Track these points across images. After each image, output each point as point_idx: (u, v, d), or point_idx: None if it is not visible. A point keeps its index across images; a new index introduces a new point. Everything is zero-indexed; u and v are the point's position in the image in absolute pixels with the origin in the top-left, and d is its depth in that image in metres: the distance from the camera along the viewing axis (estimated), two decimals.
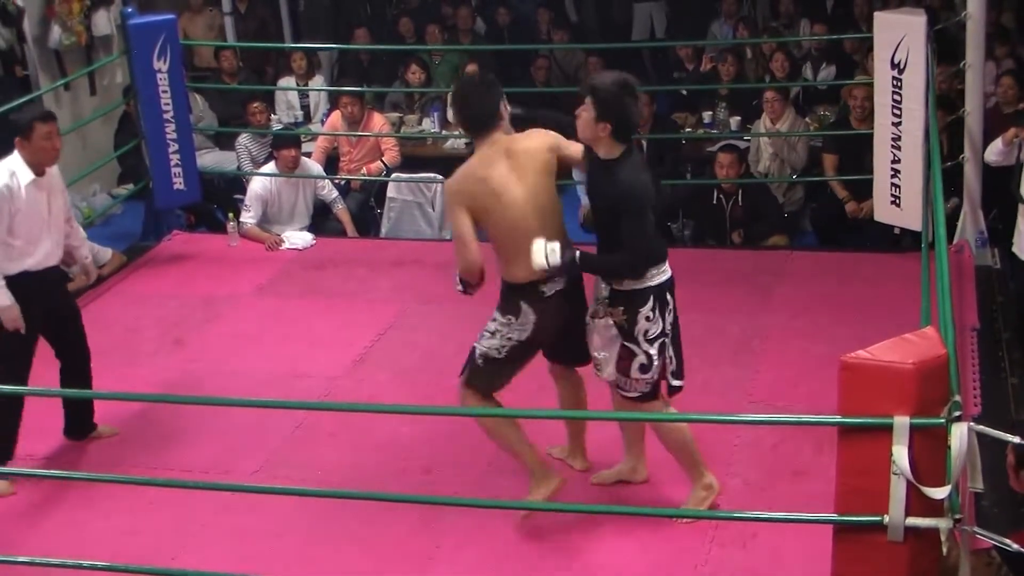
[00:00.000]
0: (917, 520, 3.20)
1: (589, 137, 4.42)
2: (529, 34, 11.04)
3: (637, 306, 4.48)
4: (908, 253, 6.84)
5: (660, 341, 4.53)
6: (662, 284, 4.51)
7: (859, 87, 7.87)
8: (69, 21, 9.45)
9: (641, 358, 4.52)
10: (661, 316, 4.51)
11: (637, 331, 4.49)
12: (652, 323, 4.50)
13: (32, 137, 5.18)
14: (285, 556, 4.71)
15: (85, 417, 5.55)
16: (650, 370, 4.54)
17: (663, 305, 4.51)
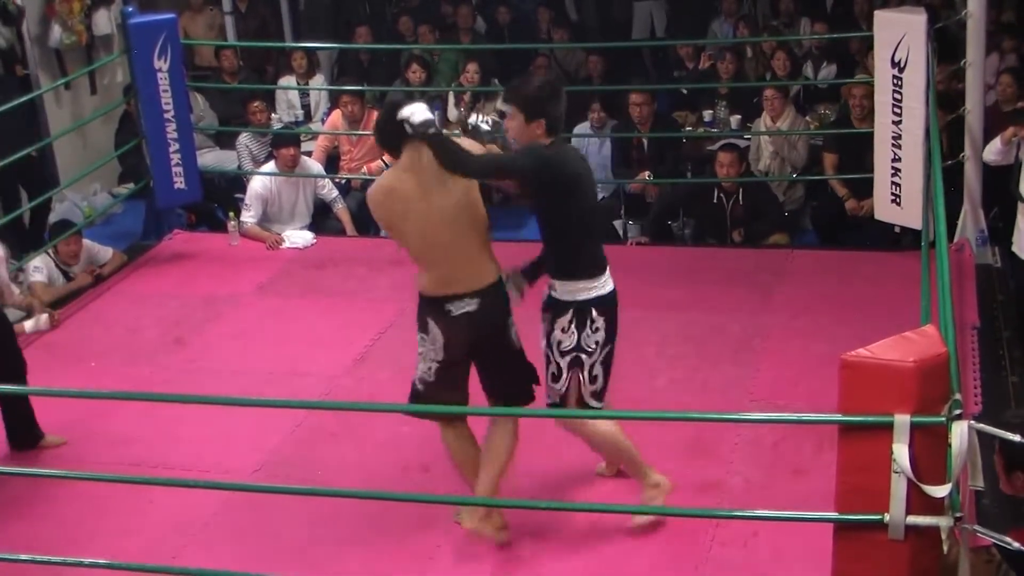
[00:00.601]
0: (918, 518, 3.20)
1: (525, 143, 4.42)
2: (529, 33, 11.04)
3: (555, 315, 4.48)
4: (908, 252, 6.84)
5: (572, 356, 4.48)
6: (587, 301, 4.45)
7: (858, 86, 7.86)
8: (69, 20, 9.46)
9: (552, 367, 4.54)
10: (578, 332, 4.45)
11: (552, 340, 4.50)
12: (566, 336, 4.46)
13: None
14: (285, 555, 4.71)
15: (29, 426, 5.45)
16: (559, 381, 4.53)
17: (584, 322, 4.44)
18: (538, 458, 5.23)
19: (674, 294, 6.83)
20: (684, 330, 6.32)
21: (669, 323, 6.43)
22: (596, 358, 4.51)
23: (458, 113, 9.22)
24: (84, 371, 6.25)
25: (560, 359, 4.51)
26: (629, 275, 6.49)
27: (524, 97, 4.39)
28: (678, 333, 6.31)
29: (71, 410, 5.73)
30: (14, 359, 5.41)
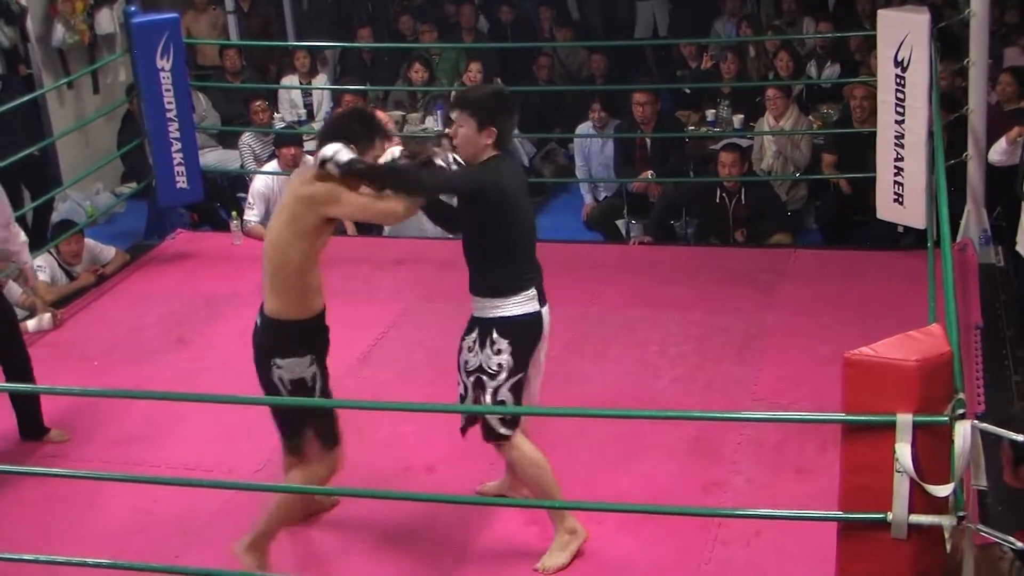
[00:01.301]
0: (921, 517, 3.20)
1: (471, 152, 4.26)
2: (532, 32, 11.04)
3: (465, 331, 4.37)
4: (912, 251, 6.84)
5: (476, 377, 4.34)
6: (492, 320, 4.30)
7: (860, 87, 7.85)
8: (72, 20, 9.47)
9: (460, 387, 4.40)
10: (480, 351, 4.31)
11: (460, 359, 4.37)
12: (471, 355, 4.33)
13: None
14: (287, 554, 4.70)
15: (36, 419, 5.51)
16: (465, 401, 4.39)
17: (485, 341, 4.30)
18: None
19: (676, 293, 6.83)
20: (686, 329, 6.32)
21: (671, 322, 6.43)
22: (500, 382, 4.32)
23: None
24: (87, 370, 6.25)
25: (466, 378, 4.36)
26: (632, 275, 6.56)
27: (477, 104, 4.24)
28: (680, 332, 6.30)
29: (74, 409, 5.73)
30: (20, 351, 5.47)
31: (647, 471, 5.03)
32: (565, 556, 4.51)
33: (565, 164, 9.70)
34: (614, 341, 6.30)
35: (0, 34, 8.98)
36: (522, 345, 4.33)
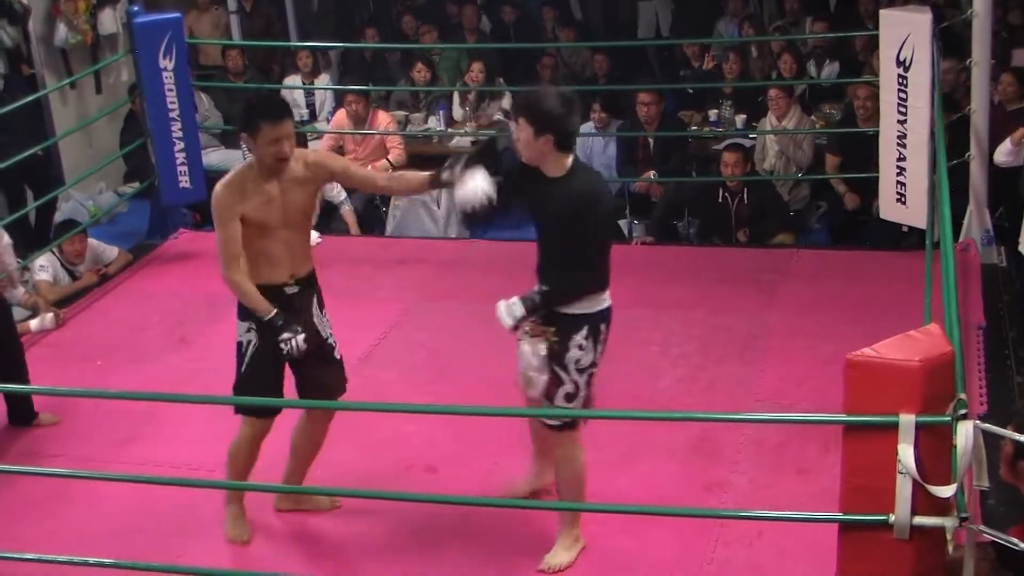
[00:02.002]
0: (923, 519, 3.20)
1: (533, 156, 4.26)
2: (534, 32, 11.04)
3: (571, 332, 4.31)
4: (915, 251, 6.83)
5: (590, 372, 4.36)
6: (600, 313, 4.33)
7: (862, 87, 7.85)
8: (75, 19, 9.48)
9: (568, 387, 4.36)
10: (594, 347, 4.33)
11: (568, 358, 4.32)
12: (584, 352, 4.32)
13: None
14: (288, 554, 4.71)
15: (27, 406, 5.68)
16: (575, 399, 4.37)
17: (597, 335, 4.33)
18: None
19: (679, 293, 6.83)
20: (688, 330, 6.32)
21: (673, 322, 6.42)
22: (589, 374, 4.39)
23: (463, 112, 9.22)
24: (89, 370, 6.26)
25: (578, 377, 4.34)
26: (634, 274, 6.53)
27: (532, 110, 4.20)
28: (682, 332, 6.30)
29: (76, 409, 5.74)
30: (12, 342, 5.65)
31: (648, 471, 5.03)
32: (570, 555, 4.52)
33: None
34: (615, 341, 6.20)
35: (3, 34, 8.98)
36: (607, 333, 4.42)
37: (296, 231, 4.58)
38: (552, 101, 4.20)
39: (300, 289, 4.62)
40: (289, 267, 4.57)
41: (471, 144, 8.88)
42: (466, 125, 9.04)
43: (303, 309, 4.62)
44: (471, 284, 7.13)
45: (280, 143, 4.39)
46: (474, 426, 5.33)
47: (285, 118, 4.45)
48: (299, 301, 4.60)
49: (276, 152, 4.39)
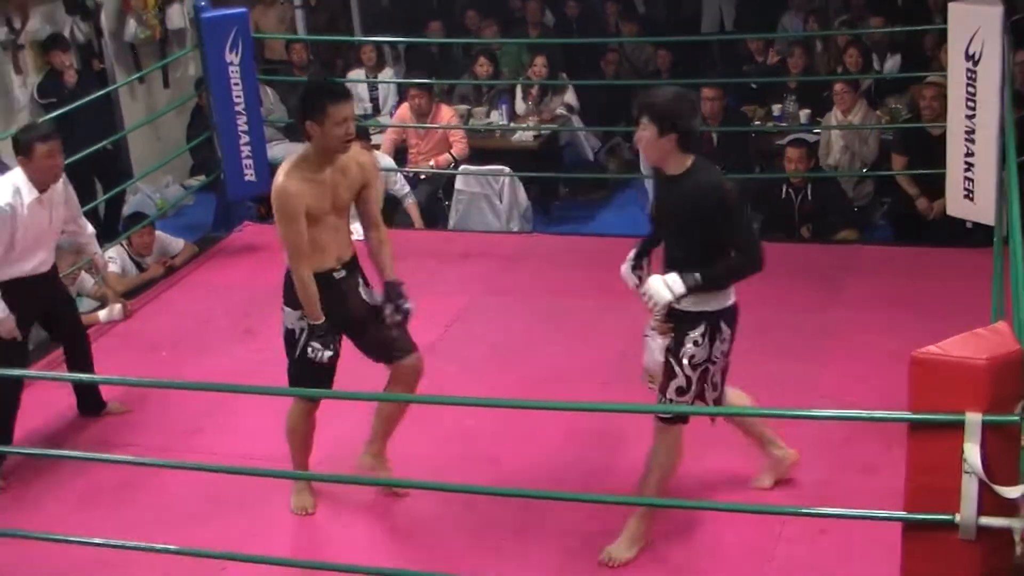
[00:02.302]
0: (989, 519, 3.16)
1: (656, 156, 4.31)
2: (598, 27, 11.02)
3: (686, 328, 4.35)
4: (981, 248, 6.74)
5: (703, 368, 4.39)
6: (718, 312, 4.36)
7: (929, 87, 7.74)
8: (144, 15, 9.62)
9: (680, 380, 4.39)
10: (710, 344, 4.36)
11: (682, 353, 4.36)
12: (699, 349, 4.35)
13: (33, 157, 5.28)
14: (349, 544, 4.75)
15: (95, 396, 5.80)
16: (686, 394, 4.40)
17: (715, 333, 4.36)
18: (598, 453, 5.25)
19: (741, 289, 6.71)
20: (752, 325, 6.19)
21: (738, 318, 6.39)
22: (718, 368, 4.44)
23: (526, 106, 9.23)
24: (155, 360, 6.35)
25: (691, 372, 4.38)
26: None
27: (656, 109, 4.23)
28: (746, 328, 6.18)
29: (142, 398, 5.83)
30: (78, 333, 5.80)
31: (710, 467, 5.01)
32: (632, 551, 4.53)
33: (630, 159, 9.68)
34: None
35: (76, 30, 9.13)
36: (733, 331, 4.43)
37: (340, 216, 4.68)
38: (675, 101, 4.24)
39: (347, 273, 4.72)
40: (336, 251, 4.68)
41: (534, 139, 8.90)
42: (528, 119, 9.05)
43: (350, 290, 4.75)
44: (533, 278, 7.15)
45: (347, 123, 4.48)
46: (535, 420, 5.34)
47: (348, 98, 4.54)
48: (346, 284, 4.73)
49: (345, 133, 4.47)
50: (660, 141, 4.23)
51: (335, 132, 4.46)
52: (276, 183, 4.54)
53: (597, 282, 6.91)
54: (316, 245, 4.58)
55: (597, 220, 9.08)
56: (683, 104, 4.25)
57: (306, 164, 4.55)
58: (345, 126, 4.47)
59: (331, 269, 4.66)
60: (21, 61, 8.55)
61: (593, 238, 8.02)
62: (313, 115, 4.45)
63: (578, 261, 7.29)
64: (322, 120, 4.44)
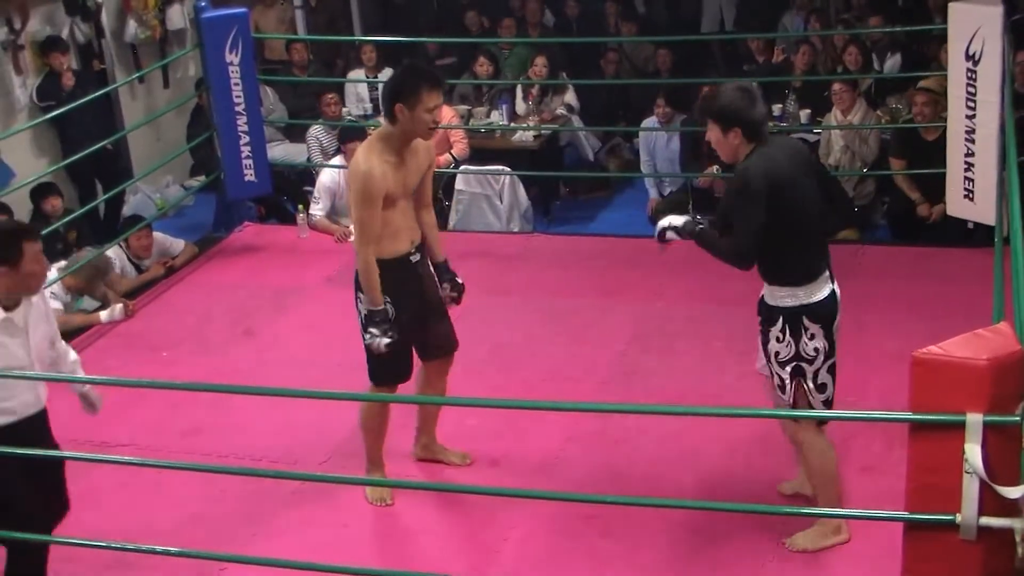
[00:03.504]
0: (991, 519, 3.15)
1: (729, 154, 4.31)
2: (598, 27, 11.01)
3: (768, 324, 4.34)
4: (982, 248, 6.74)
5: (794, 365, 4.31)
6: (799, 308, 4.26)
7: (920, 93, 7.71)
8: (144, 15, 9.62)
9: (775, 378, 4.38)
10: (795, 341, 4.28)
11: (769, 349, 4.35)
12: (782, 345, 4.30)
13: (21, 262, 4.02)
14: (352, 545, 4.75)
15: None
16: (785, 392, 4.36)
17: (800, 329, 4.27)
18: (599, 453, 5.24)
19: (743, 289, 6.74)
20: (753, 326, 6.24)
21: (737, 318, 6.33)
22: (819, 366, 4.32)
23: (526, 107, 9.22)
24: (157, 361, 6.35)
25: (780, 369, 4.35)
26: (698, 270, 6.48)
27: (714, 110, 4.25)
28: (747, 328, 6.21)
29: (143, 399, 5.82)
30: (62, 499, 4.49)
31: (712, 467, 5.02)
32: (817, 543, 4.50)
33: (630, 159, 9.68)
34: (680, 336, 6.28)
35: (76, 30, 9.13)
36: (829, 327, 4.34)
37: (409, 199, 4.72)
38: (730, 95, 4.23)
39: (420, 256, 4.80)
40: (409, 234, 4.72)
41: (534, 139, 8.89)
42: (529, 119, 9.05)
43: (426, 274, 4.83)
44: (534, 278, 7.15)
45: (438, 111, 4.53)
46: (535, 420, 5.34)
47: (442, 87, 4.56)
48: (422, 267, 4.81)
49: (432, 119, 4.51)
50: (727, 138, 4.24)
51: (424, 118, 4.48)
52: (358, 165, 4.55)
53: (597, 282, 6.92)
54: (391, 229, 4.61)
55: (597, 220, 9.08)
56: (741, 96, 4.22)
57: (385, 147, 4.56)
58: (434, 114, 4.51)
59: (407, 252, 4.70)
60: (21, 62, 8.55)
61: (593, 238, 8.02)
62: (405, 98, 4.46)
63: (578, 261, 7.29)
64: (414, 105, 4.47)
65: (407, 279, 4.69)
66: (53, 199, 7.76)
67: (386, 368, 4.76)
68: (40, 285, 4.16)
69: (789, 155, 4.30)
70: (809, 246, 4.28)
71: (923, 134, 7.62)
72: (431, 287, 4.84)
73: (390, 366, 4.74)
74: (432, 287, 4.85)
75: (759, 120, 4.23)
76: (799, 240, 4.24)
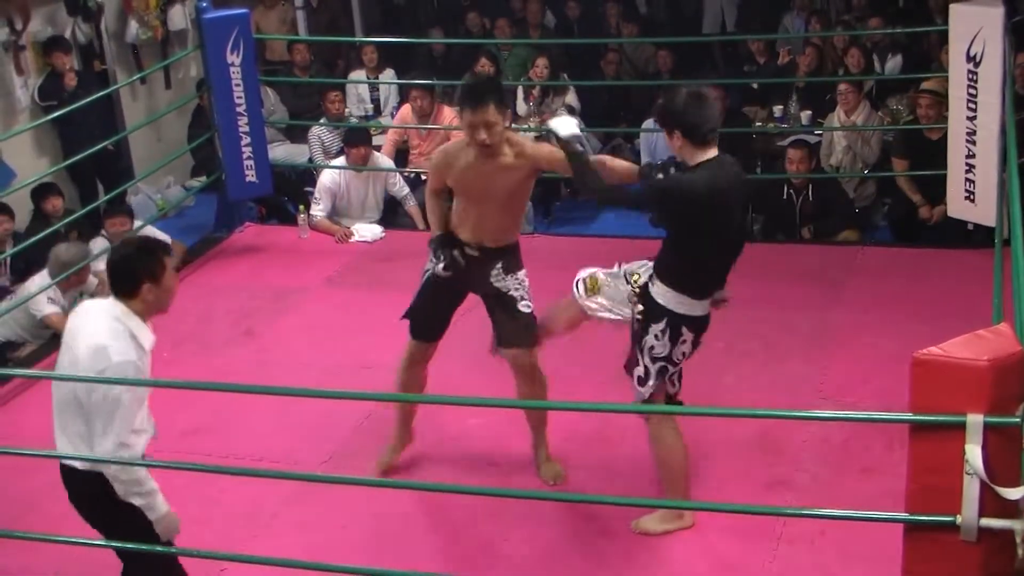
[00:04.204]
0: (991, 521, 3.15)
1: (678, 154, 4.36)
2: (599, 27, 11.01)
3: (651, 318, 4.42)
4: (982, 249, 6.74)
5: (661, 366, 4.45)
6: (684, 316, 4.40)
7: (925, 96, 7.71)
8: (146, 16, 9.62)
9: (639, 369, 4.48)
10: (671, 343, 4.42)
11: (644, 341, 4.44)
12: (659, 343, 4.42)
13: (163, 277, 3.84)
14: (352, 545, 4.75)
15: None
16: (644, 384, 4.48)
17: (676, 336, 4.41)
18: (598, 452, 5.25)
19: (742, 290, 6.71)
20: (752, 327, 6.28)
21: (737, 319, 6.33)
22: (675, 369, 4.52)
23: (527, 108, 9.22)
24: (156, 361, 6.31)
25: (650, 364, 4.45)
26: None
27: (658, 111, 4.40)
28: (746, 330, 6.27)
29: None
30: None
31: (711, 468, 5.02)
32: (660, 527, 4.64)
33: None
34: None
35: (77, 30, 9.14)
36: (698, 341, 4.49)
37: (496, 208, 4.85)
38: (676, 99, 4.30)
39: (481, 254, 4.94)
40: (477, 235, 4.91)
41: (535, 139, 8.88)
42: (530, 120, 9.05)
43: (478, 268, 4.95)
44: (534, 278, 7.11)
45: (476, 129, 4.65)
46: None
47: (482, 105, 4.64)
48: (477, 263, 4.94)
49: (471, 137, 4.69)
50: (672, 140, 4.31)
51: (466, 131, 4.72)
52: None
53: None
54: (462, 218, 4.92)
55: (598, 221, 9.08)
56: (685, 100, 4.28)
57: (464, 144, 4.82)
58: (473, 131, 4.66)
59: (466, 243, 4.93)
60: (23, 62, 8.55)
61: (594, 239, 8.02)
62: (459, 113, 4.79)
63: (579, 261, 7.23)
64: (463, 119, 4.73)
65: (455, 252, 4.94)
66: (54, 199, 7.76)
67: (411, 312, 5.07)
68: (171, 302, 3.97)
69: (728, 180, 4.34)
70: (714, 268, 4.43)
71: (927, 133, 7.62)
72: (480, 279, 4.97)
73: (415, 312, 5.06)
74: (482, 280, 4.98)
75: (699, 125, 4.27)
76: (706, 259, 4.38)
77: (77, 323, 3.87)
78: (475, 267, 4.94)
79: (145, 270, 3.77)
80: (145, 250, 3.85)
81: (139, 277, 3.75)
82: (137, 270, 3.76)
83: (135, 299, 3.79)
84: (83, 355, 3.75)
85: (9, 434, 5.58)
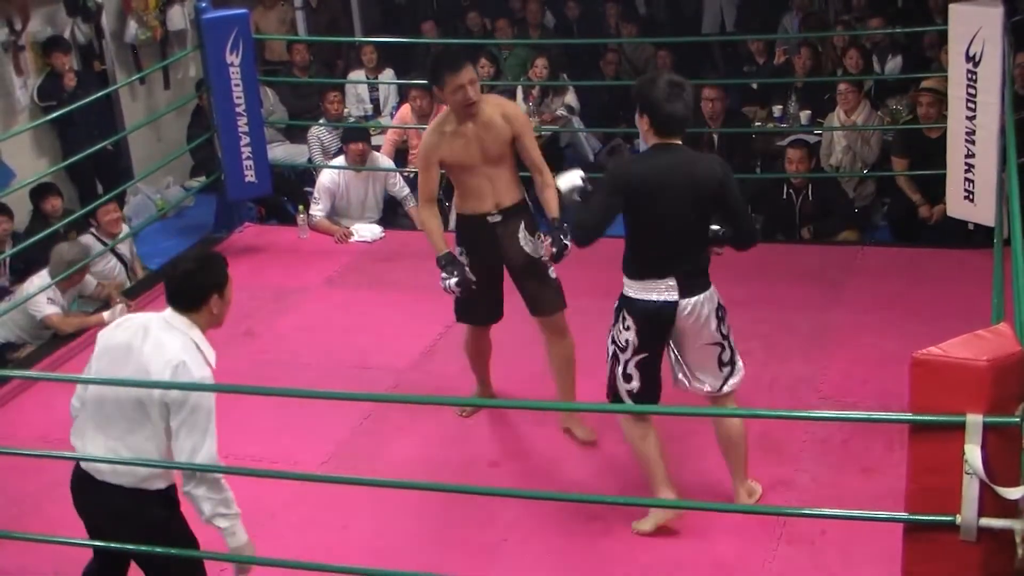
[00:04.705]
0: (991, 520, 3.15)
1: (642, 136, 4.44)
2: (598, 28, 11.02)
3: (617, 307, 4.54)
4: (982, 249, 6.74)
5: (612, 349, 4.55)
6: (625, 299, 4.47)
7: (925, 94, 7.72)
8: (145, 16, 9.63)
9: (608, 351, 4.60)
10: (614, 325, 4.53)
11: (614, 330, 4.56)
12: (613, 327, 4.56)
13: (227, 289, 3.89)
14: (351, 547, 4.75)
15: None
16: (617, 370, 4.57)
17: (620, 317, 4.50)
18: (599, 452, 5.25)
19: (742, 290, 6.76)
20: (753, 327, 6.27)
21: (737, 320, 6.31)
22: (628, 357, 4.50)
23: (527, 108, 9.23)
24: None
25: (609, 344, 4.60)
26: None
27: (634, 91, 4.44)
28: (746, 330, 6.23)
29: None
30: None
31: (711, 468, 5.02)
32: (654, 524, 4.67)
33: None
34: None
35: (77, 31, 9.14)
36: (648, 328, 4.47)
37: (497, 166, 5.11)
38: (654, 85, 4.33)
39: (504, 218, 5.14)
40: (493, 198, 5.13)
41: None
42: (529, 120, 9.04)
43: (506, 235, 5.16)
44: None
45: (464, 89, 4.91)
46: (536, 420, 5.35)
47: (465, 65, 4.98)
48: (503, 227, 5.15)
49: (462, 98, 4.89)
50: (640, 122, 4.38)
51: (454, 97, 4.93)
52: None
53: (597, 282, 6.87)
54: (469, 191, 5.12)
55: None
56: (663, 88, 4.29)
57: (447, 120, 5.06)
58: (462, 92, 4.91)
59: (486, 213, 5.12)
60: (22, 62, 8.55)
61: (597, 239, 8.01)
62: (437, 82, 4.97)
63: (578, 261, 7.26)
64: (442, 86, 4.94)
65: (482, 236, 5.13)
66: (53, 199, 7.76)
67: (459, 306, 5.29)
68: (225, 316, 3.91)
69: (676, 167, 4.34)
70: (654, 251, 4.42)
71: (926, 132, 7.62)
72: (511, 247, 5.16)
73: (462, 304, 5.26)
74: (513, 247, 5.16)
75: (668, 114, 4.30)
76: (645, 242, 4.42)
77: (126, 338, 3.77)
78: (502, 234, 5.13)
79: (213, 284, 3.77)
80: (211, 263, 3.85)
81: (207, 290, 3.74)
82: (205, 284, 3.75)
83: (199, 312, 3.78)
84: (158, 371, 3.71)
85: (8, 434, 5.58)
